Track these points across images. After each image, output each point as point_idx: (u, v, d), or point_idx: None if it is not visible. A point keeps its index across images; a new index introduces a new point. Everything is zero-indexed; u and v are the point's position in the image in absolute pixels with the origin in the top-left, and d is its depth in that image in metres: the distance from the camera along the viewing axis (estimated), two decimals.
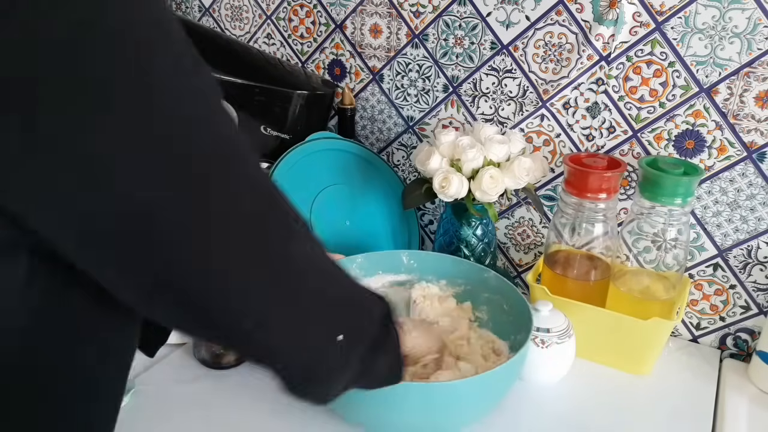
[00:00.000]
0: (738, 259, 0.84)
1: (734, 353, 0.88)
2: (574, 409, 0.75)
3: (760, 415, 0.76)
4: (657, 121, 0.83)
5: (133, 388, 0.74)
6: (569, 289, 0.83)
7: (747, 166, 0.80)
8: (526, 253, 0.99)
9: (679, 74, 0.79)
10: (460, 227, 0.89)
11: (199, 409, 0.72)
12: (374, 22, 0.95)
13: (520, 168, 0.81)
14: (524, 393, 0.76)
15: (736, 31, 0.75)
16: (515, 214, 0.97)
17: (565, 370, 0.78)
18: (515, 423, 0.72)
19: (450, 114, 0.96)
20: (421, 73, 0.95)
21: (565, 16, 0.83)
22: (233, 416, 0.72)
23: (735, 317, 0.87)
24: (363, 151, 0.96)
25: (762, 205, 0.80)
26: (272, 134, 0.97)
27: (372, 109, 1.01)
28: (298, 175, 0.89)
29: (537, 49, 0.86)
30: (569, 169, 0.80)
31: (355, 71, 1.00)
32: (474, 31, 0.89)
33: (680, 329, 0.91)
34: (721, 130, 0.80)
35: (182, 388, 0.75)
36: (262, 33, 1.05)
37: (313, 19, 0.99)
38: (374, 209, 0.98)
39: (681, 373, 0.83)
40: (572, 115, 0.88)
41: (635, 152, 0.86)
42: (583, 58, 0.84)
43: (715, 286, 0.87)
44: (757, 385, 0.81)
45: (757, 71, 0.75)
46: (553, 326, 0.76)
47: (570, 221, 0.82)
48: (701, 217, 0.84)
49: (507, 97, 0.91)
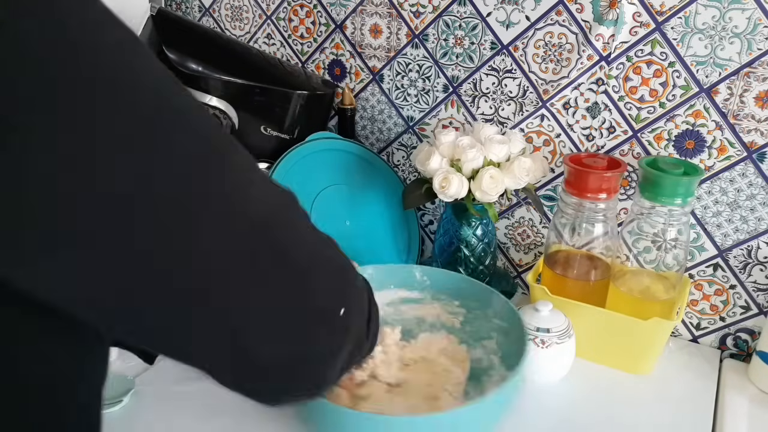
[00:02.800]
0: (738, 259, 0.84)
1: (734, 353, 0.88)
2: (574, 409, 0.75)
3: (760, 415, 0.76)
4: (657, 121, 0.83)
5: (133, 388, 0.74)
6: (569, 289, 0.83)
7: (747, 166, 0.80)
8: (526, 253, 0.99)
9: (679, 74, 0.79)
10: (460, 227, 0.89)
11: (199, 410, 0.72)
12: (374, 22, 0.95)
13: (520, 168, 0.81)
14: (524, 393, 0.75)
15: (736, 31, 0.75)
16: (515, 214, 0.97)
17: (565, 370, 0.78)
18: (515, 423, 0.71)
19: (450, 114, 0.96)
20: (421, 73, 0.95)
21: (565, 16, 0.83)
22: (233, 416, 0.71)
23: (735, 317, 0.87)
24: (363, 151, 0.96)
25: (762, 205, 0.80)
26: (272, 134, 0.97)
27: (372, 109, 1.01)
28: (298, 175, 0.89)
29: (537, 49, 0.86)
30: (569, 169, 0.80)
31: (355, 71, 1.00)
32: (474, 31, 0.89)
33: (680, 329, 0.91)
34: (721, 130, 0.80)
35: (182, 388, 0.75)
36: (262, 33, 1.05)
37: (313, 19, 0.99)
38: (374, 209, 0.98)
39: (681, 373, 0.83)
40: (572, 115, 0.88)
41: (635, 152, 0.86)
42: (583, 58, 0.84)
43: (715, 286, 0.87)
44: (757, 385, 0.81)
45: (757, 71, 0.75)
46: (553, 326, 0.76)
47: (570, 221, 0.82)
48: (701, 217, 0.84)
49: (507, 97, 0.91)
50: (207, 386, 0.79)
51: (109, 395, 0.73)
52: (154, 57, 0.30)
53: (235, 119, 0.97)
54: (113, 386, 0.74)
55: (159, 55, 0.92)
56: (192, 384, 0.76)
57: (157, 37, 0.92)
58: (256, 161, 0.36)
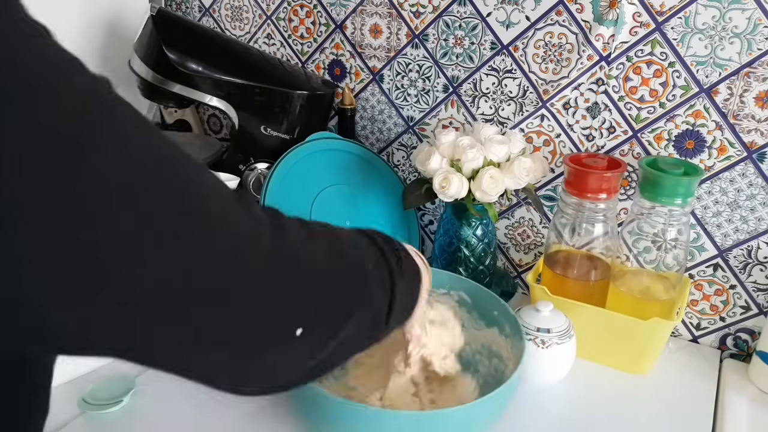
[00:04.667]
0: (738, 259, 0.84)
1: (734, 353, 0.88)
2: (574, 409, 0.75)
3: (760, 415, 0.76)
4: (657, 121, 0.83)
5: (133, 388, 0.74)
6: (569, 290, 0.82)
7: (747, 167, 0.80)
8: (526, 254, 0.99)
9: (679, 74, 0.79)
10: (460, 227, 0.89)
11: (199, 410, 0.72)
12: (374, 23, 0.95)
13: (520, 168, 0.81)
14: (524, 393, 0.75)
15: (736, 32, 0.75)
16: (515, 214, 0.97)
17: (566, 371, 0.78)
18: (515, 423, 0.71)
19: (450, 114, 0.96)
20: (421, 73, 0.95)
21: (565, 17, 0.83)
22: (233, 416, 0.71)
23: (735, 317, 0.87)
24: (363, 152, 0.96)
25: (762, 205, 0.80)
26: (272, 134, 0.98)
27: (372, 109, 1.01)
28: (298, 175, 0.89)
29: (537, 50, 0.86)
30: (569, 170, 0.80)
31: (355, 71, 1.00)
32: (474, 32, 0.89)
33: (680, 329, 0.91)
34: (721, 131, 0.80)
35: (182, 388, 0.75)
36: (262, 33, 1.05)
37: (313, 19, 0.99)
38: (374, 209, 0.98)
39: (681, 373, 0.83)
40: (572, 116, 0.88)
41: (635, 152, 0.86)
42: (583, 59, 0.84)
43: (715, 286, 0.87)
44: (757, 385, 0.81)
45: (757, 71, 0.75)
46: (553, 326, 0.75)
47: (570, 221, 0.82)
48: (701, 218, 0.84)
49: (507, 97, 0.91)
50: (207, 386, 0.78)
51: (109, 395, 0.73)
52: None
53: (235, 119, 0.97)
54: (113, 386, 0.74)
55: (159, 55, 0.92)
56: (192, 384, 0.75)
57: (157, 37, 0.92)
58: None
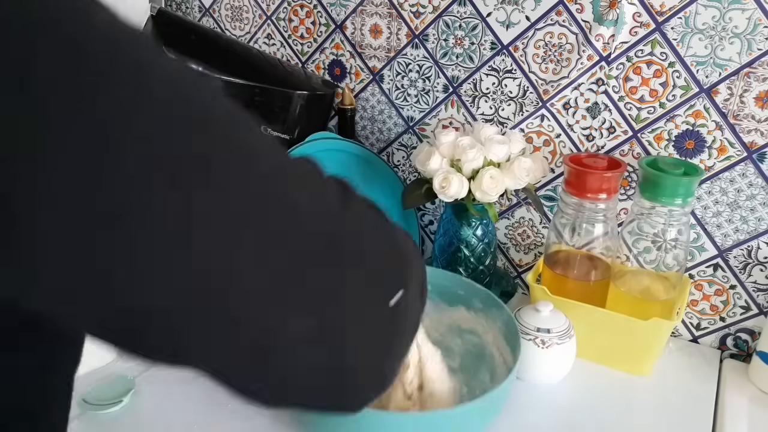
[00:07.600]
0: (738, 259, 0.84)
1: (734, 353, 0.88)
2: (574, 410, 0.75)
3: (760, 415, 0.76)
4: (657, 121, 0.83)
5: (133, 388, 0.74)
6: (569, 290, 0.82)
7: (747, 167, 0.80)
8: (526, 254, 0.99)
9: (679, 74, 0.79)
10: (460, 227, 0.89)
11: (199, 410, 0.72)
12: (374, 23, 0.95)
13: (520, 168, 0.81)
14: (524, 393, 0.76)
15: (736, 32, 0.75)
16: (515, 214, 0.97)
17: (566, 371, 0.78)
18: (515, 423, 0.71)
19: (450, 114, 0.96)
20: (421, 73, 0.95)
21: (565, 17, 0.83)
22: (233, 416, 0.71)
23: (735, 317, 0.87)
24: (363, 152, 0.96)
25: (762, 206, 0.80)
26: (272, 134, 0.97)
27: (372, 109, 1.01)
28: None
29: (537, 50, 0.86)
30: (569, 170, 0.80)
31: (355, 71, 1.00)
32: (474, 32, 0.89)
33: (680, 329, 0.91)
34: (721, 131, 0.80)
35: (182, 388, 0.75)
36: (262, 33, 1.05)
37: (313, 19, 0.99)
38: None
39: (681, 373, 0.83)
40: (572, 116, 0.88)
41: (635, 152, 0.86)
42: (583, 59, 0.84)
43: (715, 286, 0.87)
44: (757, 385, 0.81)
45: (757, 71, 0.75)
46: (553, 327, 0.75)
47: (570, 221, 0.82)
48: (701, 218, 0.84)
49: (507, 97, 0.91)
50: (207, 386, 0.79)
51: (109, 395, 0.73)
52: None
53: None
54: (113, 386, 0.74)
55: None
56: (192, 384, 0.76)
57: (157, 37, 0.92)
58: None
